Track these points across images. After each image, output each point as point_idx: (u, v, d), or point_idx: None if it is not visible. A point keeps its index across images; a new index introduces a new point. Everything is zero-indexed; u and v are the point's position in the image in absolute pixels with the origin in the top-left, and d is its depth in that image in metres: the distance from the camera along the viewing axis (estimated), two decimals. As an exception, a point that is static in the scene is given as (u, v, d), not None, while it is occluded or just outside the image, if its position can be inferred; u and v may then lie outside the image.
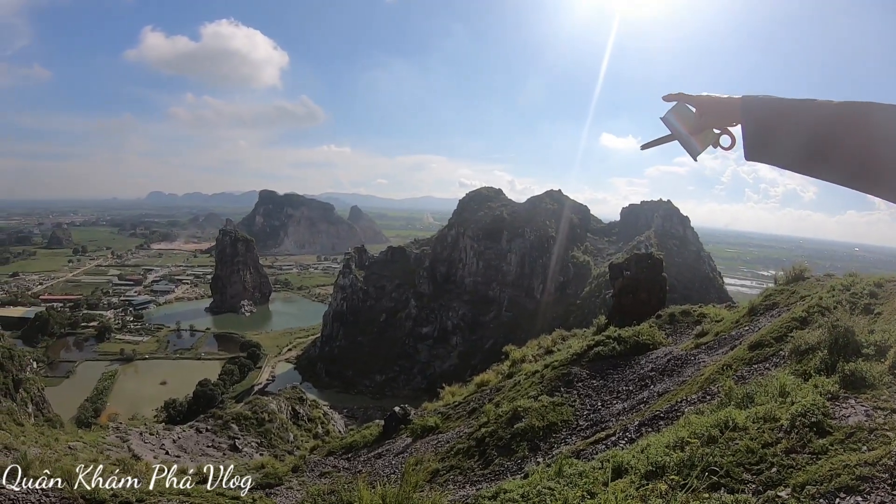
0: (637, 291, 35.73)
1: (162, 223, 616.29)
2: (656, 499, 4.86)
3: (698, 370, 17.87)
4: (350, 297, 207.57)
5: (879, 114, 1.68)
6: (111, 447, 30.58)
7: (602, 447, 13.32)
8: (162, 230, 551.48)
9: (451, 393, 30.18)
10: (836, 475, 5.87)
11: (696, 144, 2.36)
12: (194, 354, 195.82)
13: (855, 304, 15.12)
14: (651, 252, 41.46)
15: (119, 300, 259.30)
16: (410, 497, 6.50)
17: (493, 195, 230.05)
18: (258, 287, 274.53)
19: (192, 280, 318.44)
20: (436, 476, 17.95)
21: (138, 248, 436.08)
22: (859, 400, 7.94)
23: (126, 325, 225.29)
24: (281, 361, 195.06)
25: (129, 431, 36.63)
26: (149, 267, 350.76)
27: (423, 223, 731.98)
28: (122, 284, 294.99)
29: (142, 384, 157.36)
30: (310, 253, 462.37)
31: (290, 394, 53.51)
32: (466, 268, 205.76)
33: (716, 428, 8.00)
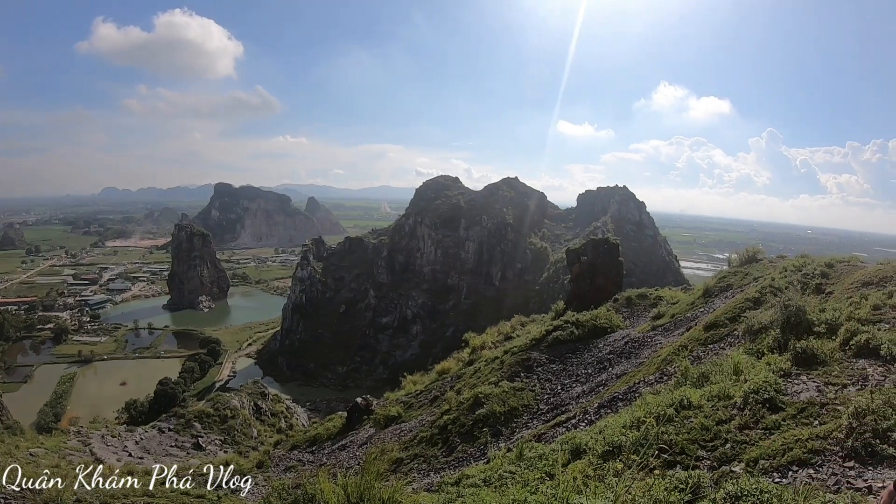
0: (594, 276, 36.08)
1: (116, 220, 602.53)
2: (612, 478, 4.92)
3: (655, 352, 18.13)
4: (309, 289, 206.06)
5: None
6: (73, 452, 30.02)
7: (562, 430, 13.44)
8: (117, 227, 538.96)
9: (413, 382, 30.22)
10: (788, 449, 6.00)
11: None
12: (153, 353, 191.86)
13: (807, 285, 15.46)
14: (607, 237, 41.84)
15: (75, 300, 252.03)
16: (372, 486, 6.48)
17: (451, 183, 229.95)
18: (216, 282, 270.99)
19: (149, 277, 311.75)
20: (400, 465, 17.97)
21: (93, 246, 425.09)
22: (811, 376, 8.12)
23: (83, 325, 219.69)
24: (241, 357, 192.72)
25: (90, 435, 35.96)
26: (104, 265, 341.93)
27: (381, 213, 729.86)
28: (77, 284, 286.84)
29: (102, 386, 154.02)
30: (267, 246, 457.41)
31: (252, 389, 53.04)
32: (425, 256, 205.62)
33: (671, 407, 8.12)
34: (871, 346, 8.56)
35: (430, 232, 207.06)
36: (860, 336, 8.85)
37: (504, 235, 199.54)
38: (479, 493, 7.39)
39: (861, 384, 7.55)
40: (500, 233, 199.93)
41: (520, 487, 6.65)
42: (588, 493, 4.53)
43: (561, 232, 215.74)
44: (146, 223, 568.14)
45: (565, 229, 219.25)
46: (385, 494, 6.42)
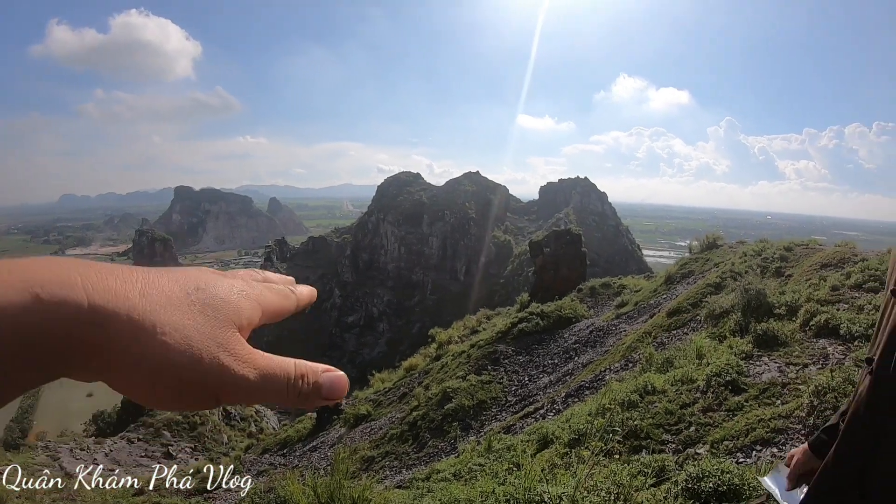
0: (558, 267, 36.28)
1: (76, 227, 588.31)
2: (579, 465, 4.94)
3: (620, 339, 18.28)
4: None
5: None
6: (42, 467, 29.44)
7: (531, 420, 13.50)
8: (76, 234, 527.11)
9: (381, 380, 30.17)
10: (751, 429, 6.07)
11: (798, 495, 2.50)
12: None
13: (766, 268, 15.70)
14: (570, 228, 42.10)
15: None
16: (342, 486, 6.44)
17: (412, 180, 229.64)
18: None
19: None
20: (372, 463, 17.91)
21: (53, 255, 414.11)
22: (772, 357, 8.23)
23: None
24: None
25: (59, 449, 35.20)
26: None
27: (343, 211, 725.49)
28: None
29: (67, 398, 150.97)
30: (230, 248, 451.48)
31: (220, 394, 52.55)
32: (388, 254, 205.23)
33: (636, 393, 8.19)
34: (830, 325, 8.71)
35: (393, 229, 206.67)
36: (820, 317, 9.00)
37: (467, 230, 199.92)
38: (449, 487, 7.39)
39: (822, 363, 7.67)
40: (464, 227, 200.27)
41: (489, 479, 6.66)
42: (552, 481, 4.54)
43: (524, 224, 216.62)
44: (106, 230, 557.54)
45: (528, 222, 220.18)
46: (355, 493, 6.39)
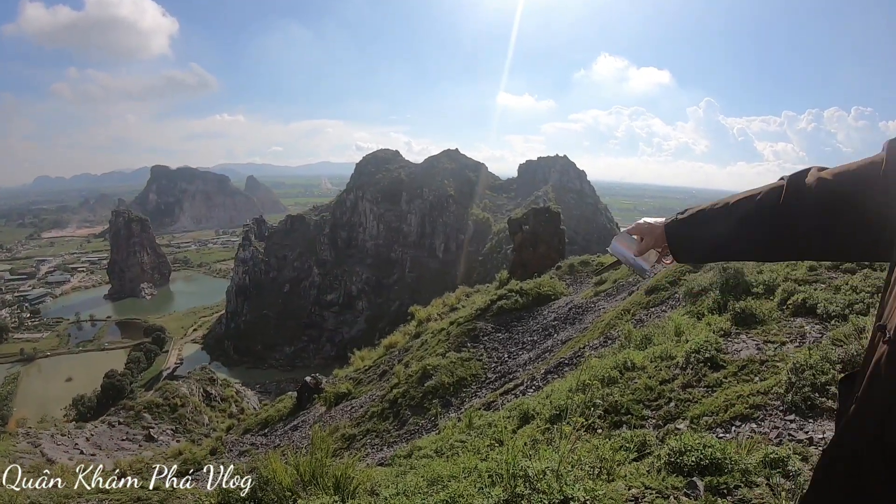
0: (537, 245, 36.42)
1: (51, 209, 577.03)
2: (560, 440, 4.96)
3: (599, 316, 18.41)
4: (252, 269, 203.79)
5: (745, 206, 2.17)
6: (23, 454, 29.17)
7: (511, 397, 13.58)
8: (52, 217, 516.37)
9: (361, 358, 30.19)
10: (730, 405, 6.14)
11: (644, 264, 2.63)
12: (97, 346, 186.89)
13: (744, 248, 15.82)
14: (549, 206, 42.27)
15: (13, 297, 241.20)
16: (324, 464, 6.45)
17: (391, 157, 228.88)
18: (157, 268, 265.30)
19: (88, 267, 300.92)
20: (353, 441, 17.97)
21: (28, 238, 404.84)
22: (750, 335, 8.32)
23: (23, 322, 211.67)
24: (187, 343, 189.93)
25: (39, 435, 34.94)
26: (41, 258, 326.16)
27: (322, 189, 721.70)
28: (14, 279, 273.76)
29: (47, 384, 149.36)
30: (207, 228, 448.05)
31: (200, 375, 52.36)
32: (367, 231, 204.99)
33: (615, 369, 8.25)
34: (807, 304, 8.80)
35: (371, 207, 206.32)
36: (797, 296, 9.09)
37: (446, 207, 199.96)
38: (430, 463, 7.41)
39: (799, 341, 7.76)
40: (442, 205, 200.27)
41: (471, 455, 6.68)
42: (535, 456, 4.57)
43: (503, 202, 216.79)
44: (82, 211, 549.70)
45: (507, 199, 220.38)
46: (338, 472, 6.40)
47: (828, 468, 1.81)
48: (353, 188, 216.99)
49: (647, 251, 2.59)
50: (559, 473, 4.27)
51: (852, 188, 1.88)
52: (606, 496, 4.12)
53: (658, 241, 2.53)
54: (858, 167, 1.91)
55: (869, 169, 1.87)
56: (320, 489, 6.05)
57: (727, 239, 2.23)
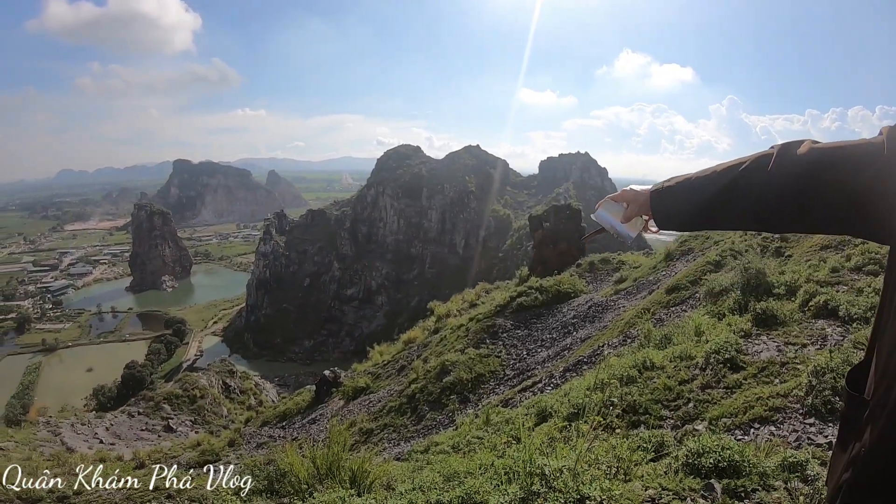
0: (557, 242, 36.34)
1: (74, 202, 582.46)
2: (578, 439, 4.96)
3: (618, 315, 18.32)
4: (272, 263, 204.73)
5: (741, 181, 2.12)
6: (44, 443, 29.51)
7: (529, 394, 13.57)
8: (75, 210, 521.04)
9: (380, 352, 30.24)
10: (750, 407, 6.09)
11: (629, 231, 2.65)
12: (119, 337, 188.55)
13: (766, 248, 15.66)
14: (570, 203, 42.13)
15: (36, 288, 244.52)
16: (341, 457, 6.48)
17: (412, 153, 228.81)
18: (178, 261, 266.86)
19: (110, 259, 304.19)
20: (370, 436, 18.03)
21: (51, 230, 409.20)
22: (771, 336, 8.24)
23: (45, 313, 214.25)
24: (208, 335, 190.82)
25: (60, 424, 35.33)
26: (64, 250, 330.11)
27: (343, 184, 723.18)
28: (37, 271, 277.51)
29: (68, 373, 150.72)
30: (229, 221, 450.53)
31: (220, 367, 52.58)
32: (387, 227, 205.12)
33: (634, 369, 8.21)
34: (829, 307, 8.71)
35: (392, 202, 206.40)
36: (819, 297, 8.99)
37: (467, 203, 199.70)
38: (447, 459, 7.44)
39: (820, 344, 7.68)
40: (463, 201, 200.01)
41: (487, 452, 6.70)
42: (552, 454, 4.56)
43: (523, 199, 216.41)
44: (104, 204, 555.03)
45: (528, 196, 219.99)
46: (354, 465, 6.43)
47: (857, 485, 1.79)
48: (374, 183, 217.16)
49: (633, 218, 2.60)
50: (576, 472, 4.26)
51: (845, 164, 1.86)
52: (623, 496, 4.10)
53: (643, 209, 2.53)
54: (854, 145, 1.89)
55: (864, 148, 1.86)
56: (336, 483, 6.09)
57: (712, 207, 2.21)
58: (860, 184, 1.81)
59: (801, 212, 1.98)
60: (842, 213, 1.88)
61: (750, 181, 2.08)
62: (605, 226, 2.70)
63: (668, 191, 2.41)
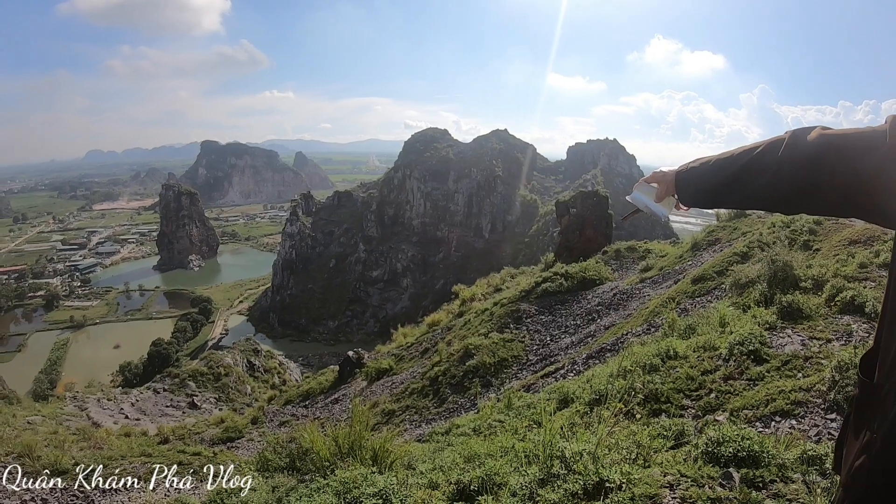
0: (583, 228, 36.18)
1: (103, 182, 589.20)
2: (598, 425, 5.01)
3: (643, 303, 18.27)
4: (298, 244, 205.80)
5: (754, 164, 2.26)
6: (70, 417, 30.00)
7: (551, 380, 13.61)
8: (103, 189, 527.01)
9: (404, 335, 30.34)
10: (771, 400, 6.10)
11: (663, 210, 2.81)
12: (145, 314, 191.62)
13: (794, 241, 15.51)
14: (597, 190, 41.86)
15: (64, 266, 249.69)
16: (362, 436, 6.59)
17: (440, 136, 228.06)
18: (205, 240, 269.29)
19: (138, 238, 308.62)
20: (392, 417, 18.18)
21: (80, 210, 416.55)
22: (796, 330, 8.21)
23: (74, 290, 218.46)
24: (233, 314, 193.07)
25: (86, 399, 35.86)
26: (92, 229, 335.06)
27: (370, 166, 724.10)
28: (66, 250, 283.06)
29: (95, 350, 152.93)
30: (256, 202, 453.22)
31: (245, 346, 53.03)
32: (414, 209, 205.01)
33: (658, 357, 8.21)
34: (856, 302, 8.65)
35: (419, 185, 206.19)
36: (846, 293, 8.93)
37: (493, 188, 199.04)
38: (468, 441, 7.51)
39: (845, 339, 7.64)
40: (490, 185, 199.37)
41: (508, 435, 6.76)
42: (573, 438, 4.62)
43: (551, 184, 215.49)
44: (133, 184, 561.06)
45: (555, 182, 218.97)
46: (376, 445, 6.53)
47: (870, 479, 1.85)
48: (401, 166, 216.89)
49: (664, 198, 2.76)
50: (596, 456, 4.32)
51: (851, 150, 1.96)
52: (642, 481, 4.16)
53: (671, 188, 2.69)
54: (860, 132, 1.99)
55: (870, 135, 1.95)
56: (358, 461, 6.19)
57: (727, 187, 2.36)
58: (864, 169, 1.92)
59: (809, 194, 2.10)
60: (847, 196, 2.00)
61: (762, 164, 2.22)
62: (640, 206, 2.85)
63: (692, 171, 2.59)
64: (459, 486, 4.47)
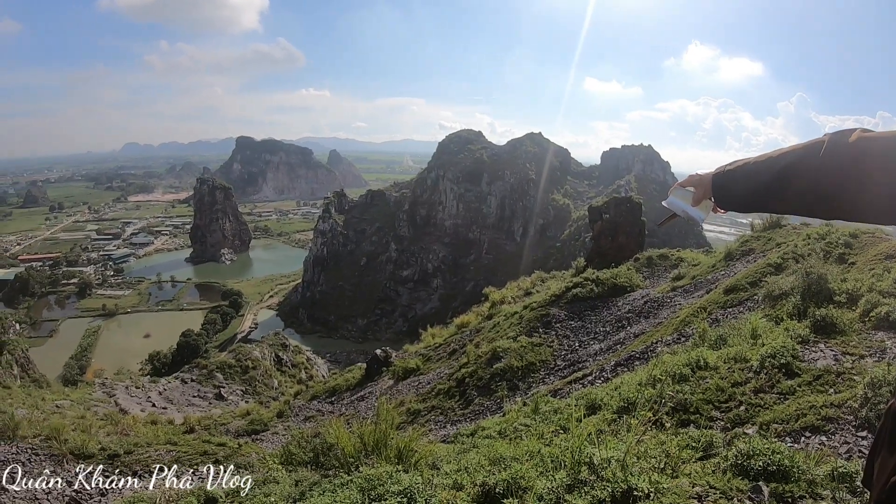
0: (616, 234, 35.99)
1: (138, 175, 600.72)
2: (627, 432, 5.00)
3: (674, 312, 18.12)
4: (330, 241, 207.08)
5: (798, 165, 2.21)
6: (98, 403, 30.54)
7: (579, 386, 13.56)
8: (139, 182, 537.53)
9: (432, 335, 30.40)
10: (802, 415, 6.04)
11: (700, 213, 2.80)
12: (176, 305, 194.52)
13: (829, 253, 15.28)
14: (630, 196, 41.58)
15: (98, 255, 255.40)
16: (388, 434, 6.64)
17: (474, 138, 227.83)
18: (238, 235, 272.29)
19: (171, 231, 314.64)
20: (417, 416, 18.24)
21: (115, 201, 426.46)
22: (829, 344, 8.11)
23: (106, 279, 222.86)
24: (263, 308, 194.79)
25: (114, 386, 36.50)
26: (127, 220, 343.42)
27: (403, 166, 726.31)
28: (100, 239, 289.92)
29: (125, 338, 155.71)
30: (289, 199, 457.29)
31: (273, 340, 53.47)
32: (446, 210, 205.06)
33: (688, 367, 8.16)
34: (890, 318, 8.50)
35: (452, 186, 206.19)
36: (881, 308, 8.79)
37: (526, 191, 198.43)
38: (493, 444, 7.51)
39: (879, 356, 7.51)
40: (523, 188, 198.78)
41: (534, 440, 6.76)
42: (601, 445, 4.62)
43: (584, 189, 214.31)
44: (168, 178, 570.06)
45: (588, 187, 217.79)
46: (401, 443, 6.56)
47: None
48: (435, 167, 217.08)
49: (701, 201, 2.74)
50: (624, 464, 4.32)
51: (892, 153, 1.92)
52: (670, 491, 4.15)
53: (708, 192, 2.67)
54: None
55: None
56: (383, 459, 6.23)
57: (766, 191, 2.34)
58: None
59: (848, 198, 2.06)
60: (887, 201, 1.95)
61: (801, 168, 2.19)
62: (677, 211, 2.85)
63: (729, 174, 2.56)
64: (484, 488, 4.48)
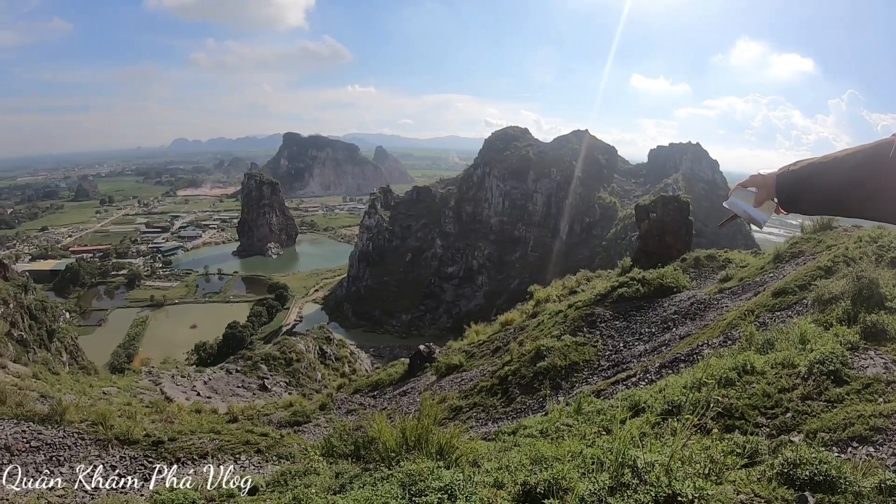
0: (663, 234, 35.56)
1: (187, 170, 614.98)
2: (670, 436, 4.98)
3: (721, 315, 17.87)
4: (376, 237, 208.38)
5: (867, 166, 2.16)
6: (144, 391, 31.27)
7: (622, 387, 13.48)
8: (187, 177, 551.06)
9: (476, 332, 30.40)
10: (850, 424, 5.94)
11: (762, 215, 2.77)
12: (223, 298, 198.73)
13: (881, 257, 14.91)
14: (678, 195, 41.05)
15: (147, 248, 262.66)
16: (430, 430, 6.68)
17: (520, 134, 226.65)
18: (284, 229, 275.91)
19: (219, 225, 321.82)
20: (459, 413, 18.28)
21: (164, 195, 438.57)
22: (879, 352, 7.92)
23: (155, 271, 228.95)
24: (308, 302, 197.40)
25: (161, 375, 37.36)
26: (175, 214, 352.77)
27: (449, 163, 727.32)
28: (149, 232, 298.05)
29: (172, 329, 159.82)
30: (335, 194, 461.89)
31: (318, 334, 54.04)
32: (492, 207, 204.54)
33: (734, 371, 8.06)
34: (944, 327, 8.32)
35: (498, 183, 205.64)
36: (934, 315, 8.61)
37: (573, 188, 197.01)
38: (535, 443, 7.50)
39: (930, 365, 7.36)
40: (569, 186, 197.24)
41: (577, 440, 6.74)
42: (645, 448, 4.60)
43: (630, 188, 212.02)
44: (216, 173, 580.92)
45: (635, 185, 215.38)
46: (443, 440, 6.60)
47: None
48: (481, 163, 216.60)
49: (763, 202, 2.69)
50: (668, 468, 4.30)
51: None
52: (715, 497, 4.12)
53: (771, 193, 2.62)
54: None
55: None
56: (424, 454, 6.27)
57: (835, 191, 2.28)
58: None
59: None
60: None
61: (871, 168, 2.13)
62: (738, 212, 2.84)
63: (793, 175, 2.52)
64: (525, 487, 4.50)
